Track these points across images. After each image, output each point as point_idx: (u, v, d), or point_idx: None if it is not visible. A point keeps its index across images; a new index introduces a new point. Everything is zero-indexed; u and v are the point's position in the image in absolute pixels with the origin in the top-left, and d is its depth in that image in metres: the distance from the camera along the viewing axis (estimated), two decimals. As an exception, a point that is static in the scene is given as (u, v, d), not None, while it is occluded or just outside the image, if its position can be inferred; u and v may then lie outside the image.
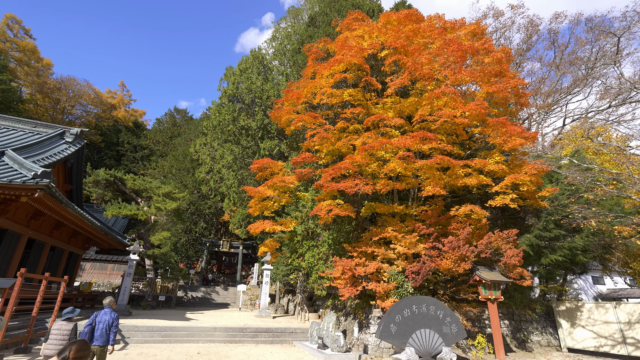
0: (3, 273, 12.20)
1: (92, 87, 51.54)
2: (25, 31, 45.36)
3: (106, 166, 39.63)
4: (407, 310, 9.40)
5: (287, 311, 21.61)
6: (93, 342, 6.31)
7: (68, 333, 5.85)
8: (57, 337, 5.75)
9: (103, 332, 6.39)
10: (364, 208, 12.79)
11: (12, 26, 43.76)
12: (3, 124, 16.00)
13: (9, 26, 43.34)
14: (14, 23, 43.87)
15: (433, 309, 9.61)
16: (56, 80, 47.44)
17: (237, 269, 35.40)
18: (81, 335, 6.27)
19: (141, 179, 27.65)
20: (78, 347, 3.03)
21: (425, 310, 9.52)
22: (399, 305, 9.42)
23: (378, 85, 13.68)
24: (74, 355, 2.97)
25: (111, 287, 27.17)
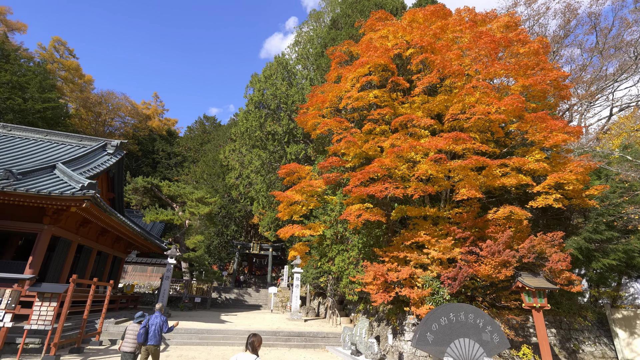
0: (57, 276, 13.09)
1: (128, 99, 54.49)
2: (69, 51, 48.75)
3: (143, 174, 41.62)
4: (444, 318, 9.05)
5: (318, 314, 21.61)
6: (147, 342, 7.01)
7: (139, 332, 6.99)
8: (131, 336, 7.00)
9: (155, 334, 7.08)
10: (394, 211, 12.51)
11: (58, 48, 47.23)
12: (54, 139, 17.23)
13: (55, 48, 46.81)
14: (59, 45, 47.32)
15: (472, 317, 9.18)
16: (97, 95, 50.57)
17: (267, 270, 35.96)
18: (137, 336, 6.96)
19: (175, 185, 28.79)
20: (259, 338, 4.25)
21: (463, 319, 9.12)
22: (436, 313, 9.09)
23: (405, 85, 13.34)
24: (258, 343, 4.16)
25: (151, 289, 28.47)
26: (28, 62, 38.07)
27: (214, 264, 35.04)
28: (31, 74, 33.80)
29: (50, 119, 33.20)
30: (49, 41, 46.61)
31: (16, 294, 8.77)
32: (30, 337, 9.50)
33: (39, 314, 8.89)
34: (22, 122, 29.41)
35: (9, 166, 12.24)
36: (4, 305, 8.54)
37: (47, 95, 33.66)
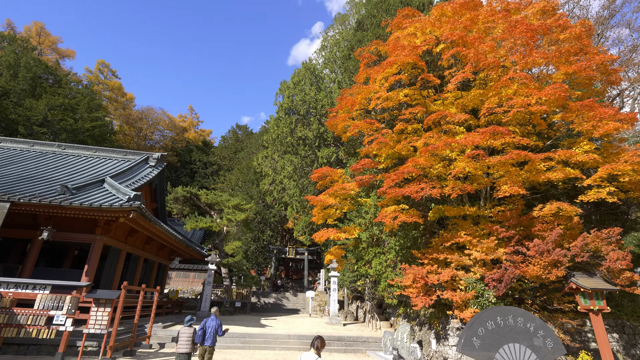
0: (109, 283, 14.00)
1: (166, 113, 57.56)
2: (112, 72, 52.43)
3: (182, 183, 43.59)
4: (491, 322, 8.62)
5: (357, 318, 21.40)
6: (204, 342, 7.68)
7: (190, 335, 7.64)
8: (184, 338, 7.62)
9: (211, 335, 7.75)
10: (431, 212, 12.14)
11: (103, 69, 50.96)
12: (102, 154, 18.55)
13: (100, 70, 50.55)
14: (103, 67, 51.06)
15: (521, 320, 8.67)
16: (138, 111, 53.89)
17: (303, 274, 36.23)
18: (196, 337, 7.70)
19: (212, 193, 29.90)
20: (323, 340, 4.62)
21: (512, 323, 8.62)
22: (481, 317, 8.68)
23: (436, 81, 12.98)
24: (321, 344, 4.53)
25: (194, 294, 29.64)
26: (77, 85, 41.40)
27: (251, 269, 35.88)
28: (80, 96, 36.68)
29: (98, 136, 35.79)
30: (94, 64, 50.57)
31: (75, 300, 9.48)
32: (88, 341, 10.19)
33: (96, 318, 9.53)
34: (74, 140, 31.95)
35: (65, 182, 13.31)
36: (65, 311, 9.25)
37: (95, 114, 36.35)
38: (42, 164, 16.29)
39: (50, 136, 31.44)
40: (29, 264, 11.89)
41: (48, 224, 11.77)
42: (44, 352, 9.86)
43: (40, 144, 18.56)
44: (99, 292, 9.88)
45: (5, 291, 9.24)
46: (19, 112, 30.56)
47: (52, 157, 17.47)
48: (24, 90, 32.79)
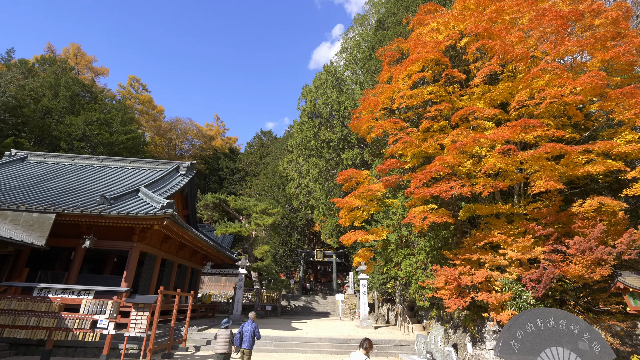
0: (147, 288, 14.62)
1: (194, 123, 59.62)
2: (143, 87, 55.11)
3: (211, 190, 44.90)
4: (531, 324, 8.21)
5: (388, 321, 21.07)
6: (242, 345, 8.14)
7: (227, 336, 8.14)
8: (222, 340, 8.10)
9: (248, 338, 8.19)
10: (461, 211, 11.78)
11: (134, 84, 53.65)
12: (136, 165, 19.49)
13: (131, 85, 53.25)
14: (134, 82, 53.75)
15: (564, 323, 8.20)
16: (167, 123, 56.17)
17: (332, 277, 36.18)
18: (235, 340, 8.19)
19: (240, 199, 30.56)
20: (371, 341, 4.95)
21: (553, 325, 8.18)
22: (520, 319, 8.29)
23: (462, 76, 12.62)
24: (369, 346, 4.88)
25: (226, 298, 30.34)
26: (111, 101, 43.83)
27: (280, 273, 36.28)
28: (114, 111, 38.77)
29: (132, 148, 37.62)
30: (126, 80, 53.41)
31: (116, 305, 9.97)
32: (129, 343, 10.68)
33: (135, 322, 9.98)
34: (110, 153, 33.78)
35: (103, 192, 14.08)
36: (108, 315, 9.76)
37: (128, 127, 38.29)
38: (83, 176, 17.33)
39: (88, 150, 33.40)
40: (73, 271, 12.65)
41: (90, 233, 12.48)
42: (90, 355, 10.44)
43: (80, 157, 19.77)
44: (137, 296, 10.35)
45: (54, 297, 9.89)
46: (60, 129, 32.72)
47: (91, 169, 18.55)
48: (64, 108, 35.08)
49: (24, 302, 9.64)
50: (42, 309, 9.59)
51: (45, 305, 9.65)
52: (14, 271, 12.25)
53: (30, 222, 11.44)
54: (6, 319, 9.31)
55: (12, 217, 11.48)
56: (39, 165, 18.51)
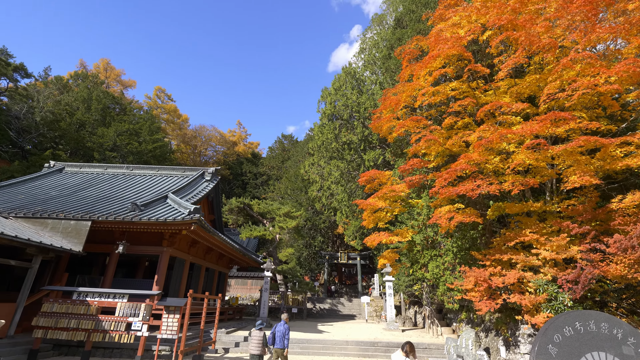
0: (176, 291, 15.07)
1: (217, 130, 61.17)
2: (168, 97, 57.16)
3: (235, 195, 45.80)
4: (569, 328, 7.80)
5: (416, 324, 20.65)
6: (275, 345, 8.44)
7: (261, 338, 8.44)
8: (255, 341, 8.41)
9: (281, 339, 8.47)
10: (490, 210, 11.38)
11: (160, 95, 55.77)
12: (164, 172, 20.20)
13: (158, 96, 55.37)
14: (160, 93, 55.88)
15: (606, 326, 7.73)
16: (192, 130, 57.93)
17: (357, 279, 35.93)
18: (267, 340, 8.54)
19: (264, 203, 31.02)
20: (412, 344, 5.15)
21: (594, 329, 7.73)
22: (557, 322, 7.89)
23: (485, 71, 12.22)
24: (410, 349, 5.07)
25: (252, 301, 30.79)
26: (139, 111, 45.72)
27: (305, 275, 36.41)
28: (142, 121, 40.42)
29: (159, 156, 39.05)
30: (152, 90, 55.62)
31: (149, 307, 10.34)
32: (161, 345, 11.04)
33: (167, 324, 10.30)
34: (139, 161, 35.20)
35: (134, 199, 14.68)
36: (141, 317, 10.13)
37: (155, 136, 39.79)
38: (115, 184, 18.15)
39: (119, 159, 34.95)
40: (108, 275, 13.24)
41: (122, 239, 13.03)
42: (126, 356, 10.86)
43: (112, 167, 20.72)
44: (168, 300, 10.68)
45: (91, 300, 10.38)
46: (93, 140, 34.44)
47: (123, 178, 19.39)
48: (96, 120, 36.93)
49: (65, 305, 10.19)
50: (81, 311, 10.10)
51: (84, 308, 10.16)
52: (55, 276, 12.98)
53: (69, 230, 12.10)
54: (49, 321, 9.87)
55: (52, 225, 12.18)
56: (75, 175, 19.56)
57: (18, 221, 12.01)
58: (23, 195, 15.64)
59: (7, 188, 16.63)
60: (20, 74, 36.08)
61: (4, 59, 34.70)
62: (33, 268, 10.73)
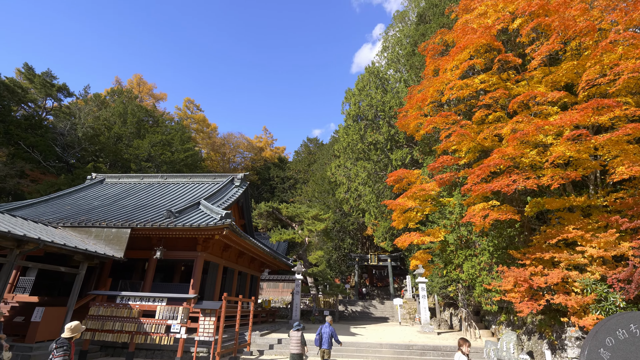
0: (211, 295, 15.49)
1: (244, 136, 62.63)
2: (197, 107, 59.28)
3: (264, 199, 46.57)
4: (622, 330, 7.23)
5: (452, 326, 19.97)
6: (322, 346, 8.97)
7: (299, 338, 8.85)
8: (295, 341, 8.85)
9: (327, 339, 9.02)
10: (527, 206, 10.82)
11: (189, 106, 57.98)
12: (195, 180, 20.92)
13: (187, 107, 57.58)
14: (190, 104, 58.10)
15: (666, 329, 7.10)
16: (221, 138, 59.69)
17: (388, 281, 35.36)
18: (315, 342, 9.12)
19: (292, 206, 31.29)
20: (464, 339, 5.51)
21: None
22: (608, 324, 7.34)
23: (517, 60, 11.68)
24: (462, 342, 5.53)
25: (284, 303, 31.07)
26: (170, 123, 47.73)
27: (335, 278, 36.33)
28: (174, 132, 42.17)
29: (191, 164, 40.54)
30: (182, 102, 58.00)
31: (186, 310, 10.70)
32: (199, 347, 11.37)
33: (204, 327, 10.60)
34: (172, 170, 36.70)
35: (169, 207, 15.29)
36: (179, 320, 10.50)
37: (186, 146, 41.37)
38: (151, 193, 19.00)
39: (154, 169, 36.63)
40: (148, 279, 13.84)
41: (159, 245, 13.60)
42: (166, 357, 11.28)
43: (148, 176, 21.72)
44: (204, 303, 11.00)
45: (133, 304, 10.89)
46: (130, 152, 36.36)
47: (158, 186, 20.26)
48: (132, 133, 38.96)
49: (109, 308, 10.76)
50: (124, 314, 10.62)
51: (127, 311, 10.67)
52: (100, 281, 13.75)
53: (111, 237, 12.79)
54: (96, 324, 10.45)
55: (96, 233, 12.93)
56: (114, 186, 20.69)
57: (66, 230, 12.86)
58: (69, 205, 16.74)
59: (55, 200, 17.86)
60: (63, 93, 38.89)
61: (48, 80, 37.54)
62: (80, 274, 11.42)
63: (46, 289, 14.83)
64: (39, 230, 10.40)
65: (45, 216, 14.37)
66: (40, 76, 36.69)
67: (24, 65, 36.43)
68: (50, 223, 13.03)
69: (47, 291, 14.71)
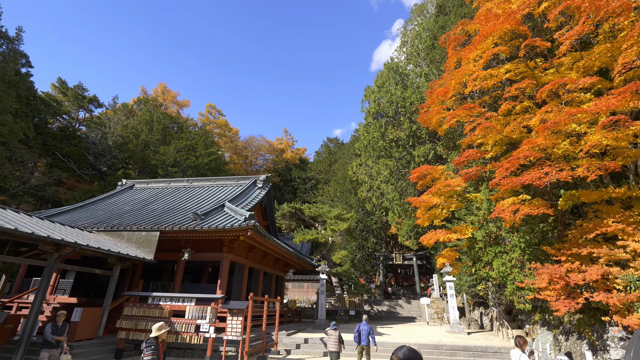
0: (238, 295, 15.76)
1: (265, 139, 63.45)
2: (218, 112, 60.63)
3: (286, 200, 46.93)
4: (673, 330, 6.71)
5: (482, 326, 19.33)
6: (361, 342, 9.49)
7: (337, 337, 9.37)
8: (332, 339, 9.30)
9: (365, 337, 9.53)
10: (561, 199, 10.28)
11: (211, 111, 59.38)
12: (219, 183, 21.36)
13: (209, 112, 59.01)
14: (212, 109, 59.50)
15: None
16: (243, 142, 60.74)
17: (414, 280, 34.75)
18: (354, 338, 9.69)
19: (314, 206, 31.36)
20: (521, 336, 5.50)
21: None
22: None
23: (545, 45, 11.08)
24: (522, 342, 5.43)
25: (309, 303, 31.18)
26: (194, 128, 49.06)
27: (360, 277, 36.09)
28: (197, 137, 43.31)
29: (215, 168, 41.48)
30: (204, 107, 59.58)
31: (214, 310, 10.91)
32: (228, 346, 11.57)
33: (231, 326, 10.78)
34: (197, 174, 37.68)
35: (195, 210, 15.68)
36: (208, 320, 10.72)
37: (210, 150, 42.38)
38: (178, 197, 19.57)
39: (180, 173, 37.75)
40: (177, 280, 14.24)
41: (187, 247, 13.96)
42: (197, 356, 11.56)
43: (175, 181, 22.39)
44: (231, 302, 11.18)
45: (164, 304, 11.23)
46: (156, 158, 37.65)
47: (184, 190, 20.85)
48: (158, 139, 40.34)
49: (142, 308, 11.14)
50: (156, 314, 10.96)
51: (158, 311, 11.02)
52: (132, 282, 14.28)
53: (141, 240, 13.26)
54: (130, 323, 10.86)
55: (128, 236, 13.44)
56: (143, 191, 21.47)
57: (99, 234, 13.45)
58: (102, 211, 17.52)
59: (89, 205, 18.75)
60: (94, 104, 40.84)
61: (80, 93, 39.54)
62: (114, 276, 11.91)
63: (83, 290, 15.59)
64: (75, 235, 10.93)
65: (81, 221, 15.09)
66: (72, 89, 38.71)
67: (58, 79, 38.54)
68: (86, 228, 13.67)
69: (84, 292, 15.46)
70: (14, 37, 28.28)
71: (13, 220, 8.84)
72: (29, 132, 28.42)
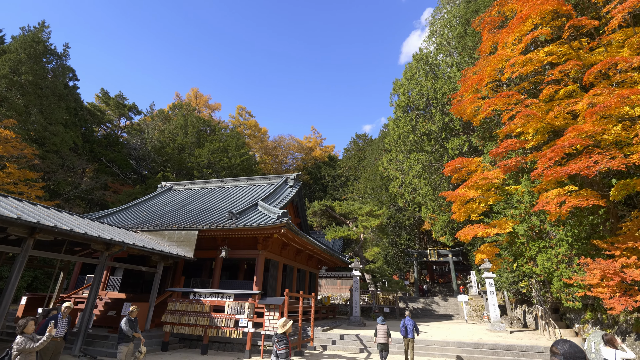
0: (273, 291, 16.07)
1: (294, 138, 64.14)
2: (248, 113, 62.07)
3: (317, 198, 47.20)
4: None
5: (526, 325, 18.40)
6: (407, 335, 10.12)
7: (386, 330, 9.86)
8: (382, 332, 9.84)
9: (410, 330, 10.14)
10: (613, 189, 9.52)
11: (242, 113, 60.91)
12: (251, 182, 21.87)
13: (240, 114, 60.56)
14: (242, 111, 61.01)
15: None
16: (272, 142, 61.81)
17: (450, 277, 33.76)
18: (401, 332, 10.24)
19: (345, 204, 31.30)
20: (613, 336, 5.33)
21: None
22: None
23: (593, 23, 10.24)
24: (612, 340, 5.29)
25: (343, 300, 31.20)
26: (226, 130, 50.53)
27: (394, 274, 35.58)
28: (229, 139, 44.59)
29: (246, 168, 42.56)
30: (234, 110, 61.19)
31: (252, 306, 11.21)
32: (265, 341, 11.85)
33: (268, 321, 11.02)
34: (230, 175, 38.83)
35: (230, 209, 16.15)
36: (246, 315, 11.03)
37: (241, 151, 43.50)
38: (213, 197, 20.26)
39: (214, 174, 39.09)
40: (216, 277, 14.76)
41: (224, 245, 14.43)
42: (236, 350, 11.94)
43: (210, 181, 23.20)
44: (268, 298, 11.43)
45: (204, 300, 11.69)
46: (192, 160, 39.22)
47: (219, 190, 21.55)
48: (193, 142, 41.98)
49: (184, 304, 11.67)
50: (197, 309, 11.45)
51: (199, 306, 11.49)
52: (175, 279, 14.98)
53: (181, 239, 13.88)
54: (174, 318, 11.42)
55: (169, 235, 14.11)
56: (181, 192, 22.44)
57: (143, 234, 14.23)
58: (145, 212, 18.52)
59: (133, 207, 19.89)
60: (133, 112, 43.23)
61: (121, 102, 42.00)
62: (158, 273, 12.56)
63: (131, 287, 16.60)
64: (122, 235, 11.63)
65: (126, 222, 16.04)
66: (114, 99, 41.21)
67: (101, 90, 41.18)
68: (131, 228, 14.51)
69: (131, 289, 16.45)
70: (61, 54, 30.55)
71: (68, 222, 9.56)
72: (77, 140, 30.63)
